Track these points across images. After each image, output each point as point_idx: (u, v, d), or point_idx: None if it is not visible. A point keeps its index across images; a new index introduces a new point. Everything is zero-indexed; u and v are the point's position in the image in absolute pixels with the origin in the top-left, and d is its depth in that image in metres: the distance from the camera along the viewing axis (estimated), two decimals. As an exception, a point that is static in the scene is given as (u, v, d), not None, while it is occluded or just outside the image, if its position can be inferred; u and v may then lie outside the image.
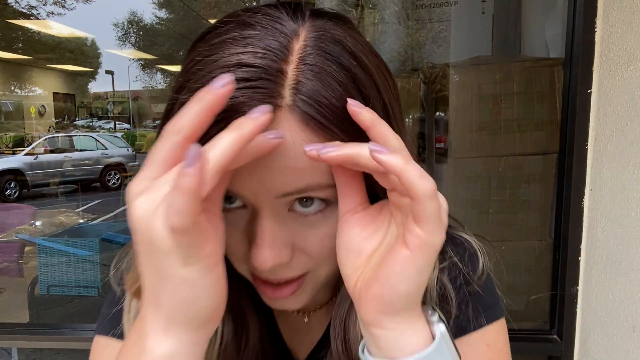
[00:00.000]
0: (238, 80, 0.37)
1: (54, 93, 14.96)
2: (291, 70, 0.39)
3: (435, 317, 0.43)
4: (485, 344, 0.55)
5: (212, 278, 0.37)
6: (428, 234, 0.37)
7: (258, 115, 0.36)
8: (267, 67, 0.38)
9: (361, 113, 0.39)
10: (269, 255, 0.42)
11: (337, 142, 0.39)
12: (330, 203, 0.44)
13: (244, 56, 0.39)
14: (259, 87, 0.38)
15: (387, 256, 0.40)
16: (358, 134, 0.40)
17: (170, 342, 0.37)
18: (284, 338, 0.61)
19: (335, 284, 0.56)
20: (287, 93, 0.39)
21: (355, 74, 0.41)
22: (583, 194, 1.39)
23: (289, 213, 0.44)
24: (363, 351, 0.44)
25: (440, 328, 0.42)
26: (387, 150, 0.36)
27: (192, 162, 0.31)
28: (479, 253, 0.58)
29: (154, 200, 0.34)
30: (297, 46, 0.40)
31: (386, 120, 0.40)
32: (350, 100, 0.39)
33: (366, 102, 0.41)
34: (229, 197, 0.43)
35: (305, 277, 0.47)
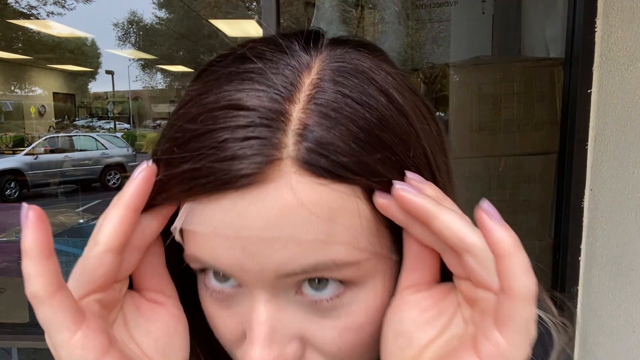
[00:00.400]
0: (226, 128, 0.30)
1: (54, 93, 14.95)
2: (297, 111, 0.31)
3: None
4: None
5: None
6: (511, 346, 0.28)
7: (135, 175, 0.32)
8: (264, 108, 0.30)
9: (425, 189, 0.31)
10: (266, 355, 0.32)
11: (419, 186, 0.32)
12: (351, 285, 0.33)
13: (238, 95, 0.31)
14: (252, 136, 0.29)
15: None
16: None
17: None
18: None
19: None
20: (290, 141, 0.30)
21: (385, 116, 0.32)
22: (583, 194, 1.39)
23: (295, 297, 0.33)
24: None
25: None
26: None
27: (24, 222, 0.27)
28: (552, 333, 0.46)
29: None
30: (308, 81, 0.32)
31: (429, 177, 0.33)
32: (408, 174, 0.32)
33: (400, 153, 0.32)
34: (219, 273, 0.34)
35: None
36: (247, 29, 9.66)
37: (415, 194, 0.31)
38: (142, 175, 0.33)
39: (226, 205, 0.30)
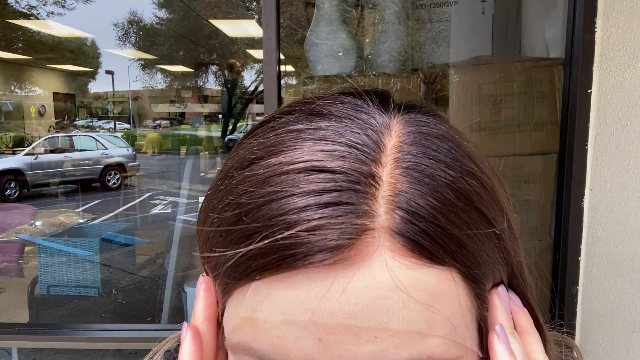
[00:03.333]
0: (307, 193, 0.25)
1: (54, 93, 14.95)
2: (386, 175, 0.26)
3: None
4: None
5: None
6: None
7: (198, 289, 0.30)
8: (352, 171, 0.26)
9: (520, 315, 0.30)
10: None
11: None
12: None
13: (318, 156, 0.26)
14: (341, 202, 0.25)
15: None
16: (482, 267, 0.28)
17: None
18: None
19: None
20: (382, 209, 0.26)
21: (484, 185, 0.28)
22: (583, 194, 1.39)
23: None
24: None
25: None
26: None
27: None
28: None
29: None
30: (391, 143, 0.28)
31: (511, 255, 0.30)
32: (500, 291, 0.29)
33: (500, 233, 0.29)
34: None
35: None
36: (247, 29, 9.66)
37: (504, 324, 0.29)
38: (204, 287, 0.30)
39: (304, 284, 0.25)
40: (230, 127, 10.37)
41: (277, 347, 0.26)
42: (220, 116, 13.57)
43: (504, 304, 0.29)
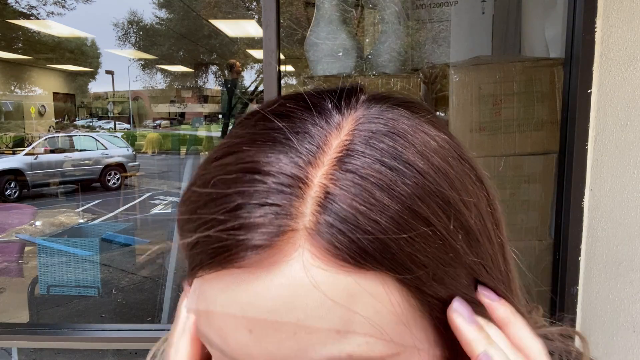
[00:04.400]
0: (239, 193, 0.26)
1: (54, 93, 14.95)
2: (320, 176, 0.27)
3: None
4: None
5: None
6: None
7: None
8: (282, 172, 0.27)
9: (497, 308, 0.30)
10: None
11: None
12: None
13: (257, 157, 0.27)
14: (267, 202, 0.26)
15: None
16: (417, 280, 0.27)
17: None
18: None
19: None
20: (308, 210, 0.26)
21: (422, 185, 0.27)
22: (583, 194, 1.39)
23: None
24: None
25: None
26: None
27: None
28: None
29: None
30: (336, 142, 0.28)
31: (473, 255, 0.30)
32: (481, 289, 0.30)
33: (441, 228, 0.28)
34: None
35: None
36: (247, 29, 9.66)
37: (467, 322, 0.29)
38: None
39: (234, 280, 0.27)
40: (230, 127, 10.36)
41: (222, 337, 0.28)
42: (220, 116, 13.57)
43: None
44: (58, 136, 11.16)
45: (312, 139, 0.28)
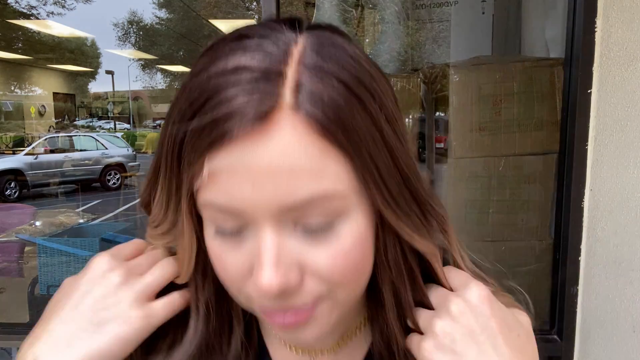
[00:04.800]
0: (236, 84, 0.36)
1: (54, 93, 14.95)
2: (291, 72, 0.38)
3: None
4: None
5: None
6: None
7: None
8: (265, 69, 0.37)
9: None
10: (274, 276, 0.38)
11: None
12: (338, 217, 0.40)
13: (242, 59, 0.38)
14: (258, 89, 0.36)
15: None
16: (360, 142, 0.38)
17: None
18: None
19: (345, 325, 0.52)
20: (287, 93, 0.37)
21: (357, 76, 0.39)
22: (583, 194, 1.39)
23: (294, 230, 0.40)
24: None
25: None
26: None
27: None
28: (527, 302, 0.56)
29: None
30: (297, 50, 0.39)
31: (386, 121, 0.40)
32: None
33: (369, 102, 0.39)
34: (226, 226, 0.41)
35: (319, 303, 0.42)
36: (247, 29, 9.65)
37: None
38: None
39: (238, 149, 0.36)
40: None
41: (228, 195, 0.38)
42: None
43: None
44: (58, 136, 11.16)
45: (279, 47, 0.39)
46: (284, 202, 0.38)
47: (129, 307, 0.46)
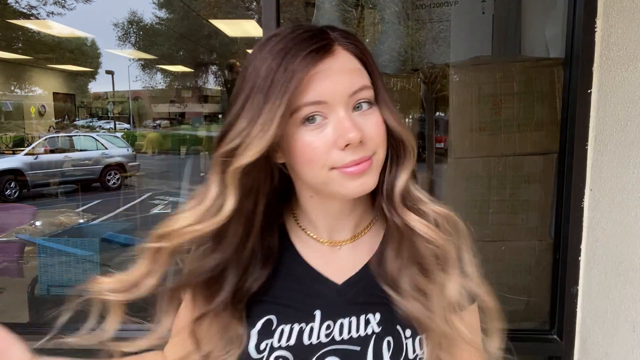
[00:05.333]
0: (313, 37, 0.64)
1: (54, 93, 14.94)
2: (333, 35, 0.67)
3: None
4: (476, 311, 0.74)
5: None
6: None
7: None
8: (325, 31, 0.67)
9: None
10: (355, 131, 0.62)
11: None
12: (372, 103, 0.67)
13: (309, 28, 0.66)
14: (326, 37, 0.66)
15: None
16: (368, 62, 0.68)
17: None
18: (317, 270, 0.74)
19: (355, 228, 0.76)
20: (336, 40, 0.66)
21: (360, 41, 0.70)
22: (583, 194, 1.39)
23: (354, 111, 0.65)
24: None
25: None
26: None
27: None
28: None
29: None
30: (331, 32, 0.67)
31: (374, 62, 0.70)
32: None
33: (371, 63, 0.69)
34: (309, 118, 0.63)
35: (372, 158, 0.66)
36: (247, 29, 9.65)
37: None
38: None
39: (322, 64, 0.63)
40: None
41: (322, 92, 0.63)
42: (220, 116, 13.56)
43: None
44: (58, 136, 11.15)
45: (324, 34, 0.66)
46: (349, 90, 0.64)
47: None
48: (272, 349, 0.69)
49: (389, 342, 0.70)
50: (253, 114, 0.62)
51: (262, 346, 0.70)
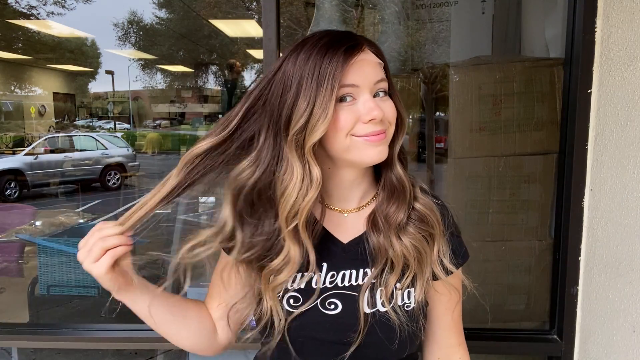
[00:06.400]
0: (345, 37, 0.82)
1: (54, 93, 14.93)
2: (359, 37, 0.84)
3: None
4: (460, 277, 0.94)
5: None
6: None
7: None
8: (354, 36, 0.84)
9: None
10: (378, 110, 0.79)
11: None
12: (387, 93, 0.84)
13: (337, 37, 0.82)
14: (357, 39, 0.83)
15: None
16: (386, 66, 0.86)
17: None
18: (329, 231, 0.91)
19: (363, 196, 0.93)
20: (365, 43, 0.83)
21: (381, 54, 0.86)
22: (583, 194, 1.39)
23: (375, 98, 0.82)
24: None
25: None
26: None
27: None
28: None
29: None
30: (356, 35, 0.85)
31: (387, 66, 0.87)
32: None
33: (385, 62, 0.86)
34: (343, 98, 0.79)
35: (386, 131, 0.83)
36: (247, 29, 9.64)
37: None
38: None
39: (355, 58, 0.79)
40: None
41: (356, 77, 0.79)
42: (220, 116, 13.54)
43: None
44: (58, 136, 11.15)
45: (354, 35, 0.84)
46: (374, 79, 0.81)
47: None
48: (286, 290, 0.87)
49: (381, 290, 0.86)
50: (309, 98, 0.76)
51: (279, 289, 0.87)
